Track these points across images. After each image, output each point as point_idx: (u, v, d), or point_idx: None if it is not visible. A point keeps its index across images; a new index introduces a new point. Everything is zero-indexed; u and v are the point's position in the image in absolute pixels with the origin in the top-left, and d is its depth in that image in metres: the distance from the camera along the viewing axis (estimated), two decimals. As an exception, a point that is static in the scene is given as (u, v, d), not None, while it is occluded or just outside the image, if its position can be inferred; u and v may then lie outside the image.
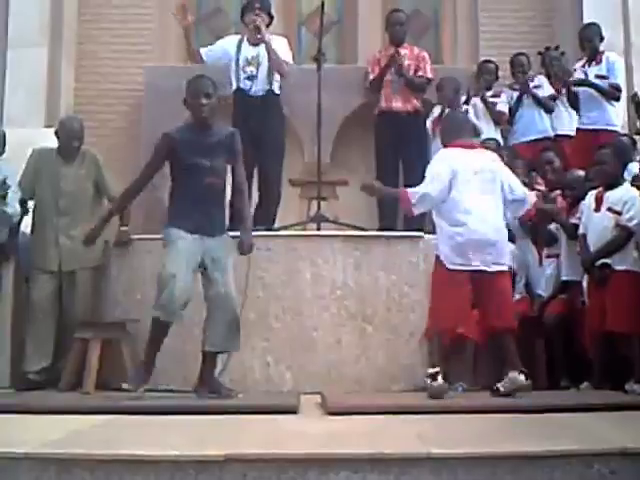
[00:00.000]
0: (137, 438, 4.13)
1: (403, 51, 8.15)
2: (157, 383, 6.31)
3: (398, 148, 7.89)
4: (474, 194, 5.61)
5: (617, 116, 7.74)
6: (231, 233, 5.79)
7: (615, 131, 7.57)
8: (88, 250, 6.61)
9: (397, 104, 8.00)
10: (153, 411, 4.90)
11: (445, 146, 5.91)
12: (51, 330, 6.57)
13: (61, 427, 4.33)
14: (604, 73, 7.71)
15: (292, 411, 4.94)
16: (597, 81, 7.67)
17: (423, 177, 5.84)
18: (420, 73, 8.13)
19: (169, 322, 5.44)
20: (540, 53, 8.08)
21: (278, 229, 6.99)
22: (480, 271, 5.54)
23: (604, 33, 7.80)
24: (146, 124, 8.51)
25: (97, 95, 8.84)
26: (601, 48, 7.82)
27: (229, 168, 5.73)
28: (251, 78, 7.26)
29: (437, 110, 7.90)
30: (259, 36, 7.24)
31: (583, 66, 7.81)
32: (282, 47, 7.41)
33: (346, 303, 6.29)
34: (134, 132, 8.68)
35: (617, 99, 7.71)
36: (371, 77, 8.21)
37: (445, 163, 5.70)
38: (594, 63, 7.76)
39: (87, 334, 6.31)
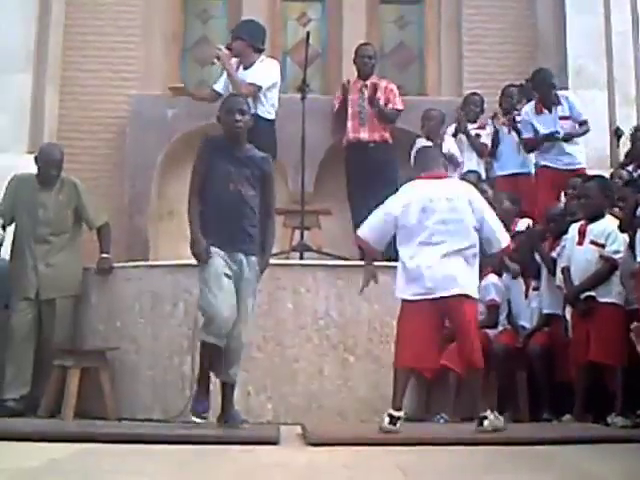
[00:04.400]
0: (116, 467, 4.08)
1: (369, 83, 8.20)
2: (135, 412, 6.29)
3: (368, 177, 7.91)
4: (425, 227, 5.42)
5: (580, 154, 7.75)
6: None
7: (580, 168, 7.61)
8: (67, 278, 6.59)
9: (364, 134, 8.06)
10: (132, 440, 4.84)
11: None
12: (30, 357, 6.52)
13: (39, 455, 4.27)
14: (567, 114, 7.75)
15: (272, 442, 4.89)
16: (561, 122, 7.70)
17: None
18: (390, 105, 8.17)
19: (221, 346, 5.36)
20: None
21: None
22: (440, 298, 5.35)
23: (589, 67, 7.86)
24: (130, 151, 8.54)
25: (81, 122, 8.82)
26: (576, 82, 7.92)
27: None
28: None
29: (421, 142, 7.92)
30: (216, 61, 7.17)
31: (540, 112, 7.79)
32: (261, 70, 7.18)
33: (328, 333, 6.27)
34: (118, 159, 8.68)
35: (587, 131, 7.76)
36: (335, 108, 8.31)
37: (401, 196, 5.57)
38: (553, 106, 7.77)
39: (66, 362, 6.26)
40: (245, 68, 7.20)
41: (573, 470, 4.07)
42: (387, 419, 5.21)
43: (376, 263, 5.66)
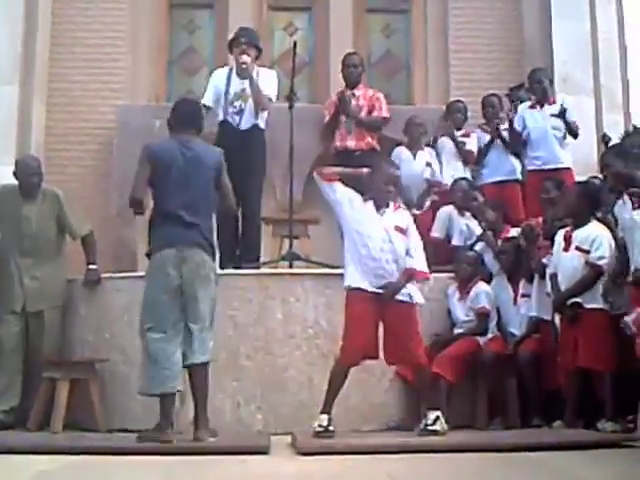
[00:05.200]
0: (105, 479, 4.07)
1: (357, 92, 8.18)
2: (126, 424, 6.26)
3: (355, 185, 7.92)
4: None
5: (566, 154, 7.79)
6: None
7: (567, 168, 7.65)
8: (53, 289, 6.57)
9: (351, 142, 8.03)
10: (122, 452, 4.83)
11: None
12: (19, 369, 6.50)
13: (29, 467, 4.26)
14: (556, 112, 7.75)
15: (263, 452, 4.89)
16: (552, 120, 7.74)
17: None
18: (375, 113, 8.16)
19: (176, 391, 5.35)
20: (507, 94, 8.21)
21: (249, 267, 6.95)
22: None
23: (575, 73, 7.89)
24: (117, 162, 8.52)
25: (68, 133, 8.82)
26: (563, 89, 7.93)
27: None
28: (239, 113, 7.26)
29: (401, 150, 7.98)
30: (245, 73, 7.23)
31: (533, 107, 7.87)
32: (268, 81, 7.38)
33: (317, 342, 6.26)
34: (104, 170, 8.66)
35: (576, 136, 7.79)
36: (326, 119, 8.27)
37: None
38: (547, 104, 7.81)
39: (55, 374, 6.23)
40: (242, 78, 7.26)
41: (564, 475, 4.07)
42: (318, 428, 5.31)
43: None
